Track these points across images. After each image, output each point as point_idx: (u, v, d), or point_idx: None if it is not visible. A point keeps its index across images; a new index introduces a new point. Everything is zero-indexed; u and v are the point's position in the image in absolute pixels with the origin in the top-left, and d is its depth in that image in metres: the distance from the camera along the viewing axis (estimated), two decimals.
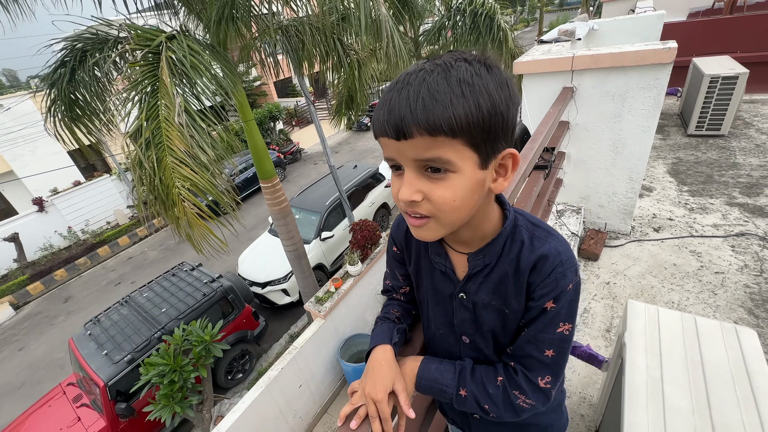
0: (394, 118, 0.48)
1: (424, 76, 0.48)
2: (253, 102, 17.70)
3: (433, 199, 0.51)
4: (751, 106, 5.06)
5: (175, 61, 2.98)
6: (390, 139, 0.50)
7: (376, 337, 0.77)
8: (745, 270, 2.43)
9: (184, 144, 2.70)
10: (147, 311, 5.11)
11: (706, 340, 1.12)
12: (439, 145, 0.48)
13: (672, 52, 2.06)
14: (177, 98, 2.75)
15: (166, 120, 2.75)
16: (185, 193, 2.71)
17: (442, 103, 0.46)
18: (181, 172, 2.73)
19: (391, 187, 0.57)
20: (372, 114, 0.54)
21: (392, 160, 0.53)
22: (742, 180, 3.42)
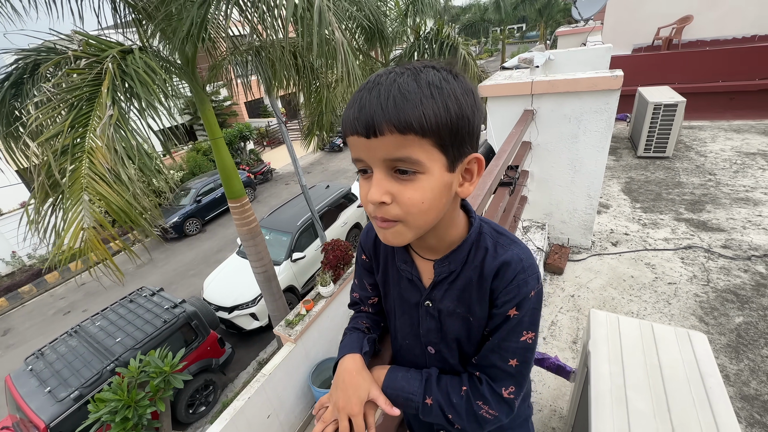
0: (364, 116, 0.48)
1: (395, 78, 0.49)
2: (223, 122, 17.42)
3: (401, 201, 0.51)
4: (690, 131, 5.57)
5: (121, 74, 2.89)
6: (360, 138, 0.49)
7: (345, 347, 0.75)
8: (694, 280, 2.60)
9: (106, 157, 2.58)
10: (99, 342, 4.72)
11: (662, 345, 1.17)
12: (409, 144, 0.48)
13: (619, 80, 2.25)
14: (109, 110, 2.64)
15: (95, 130, 2.63)
16: (94, 212, 2.55)
17: (413, 102, 0.47)
18: (96, 188, 2.57)
19: (360, 191, 0.56)
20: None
21: (361, 161, 0.53)
22: (686, 197, 3.72)
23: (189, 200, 10.93)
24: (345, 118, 0.52)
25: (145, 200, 2.88)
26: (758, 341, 2.07)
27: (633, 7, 8.04)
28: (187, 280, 8.74)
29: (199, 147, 14.67)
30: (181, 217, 10.56)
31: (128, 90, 3.05)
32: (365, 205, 0.55)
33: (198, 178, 12.41)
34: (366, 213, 0.58)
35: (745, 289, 2.44)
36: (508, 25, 29.34)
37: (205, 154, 14.34)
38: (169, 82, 4.07)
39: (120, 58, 3.15)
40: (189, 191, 11.23)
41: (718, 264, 2.71)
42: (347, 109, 0.52)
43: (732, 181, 3.89)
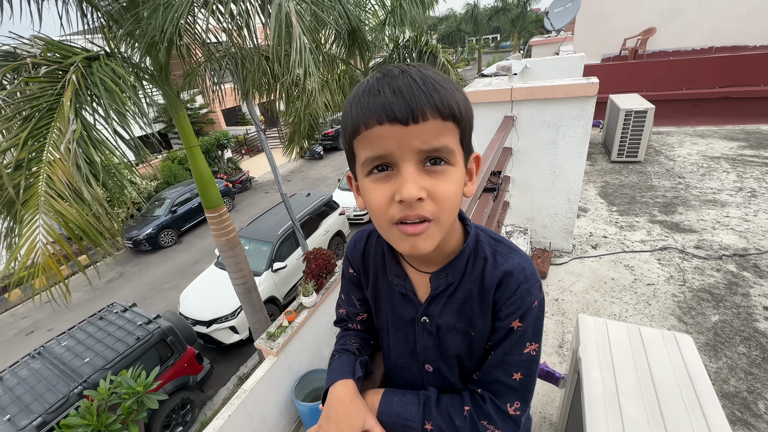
0: (404, 99, 0.43)
1: (413, 69, 0.46)
2: (199, 130, 17.00)
3: (438, 195, 0.46)
4: (659, 136, 5.82)
5: (86, 84, 2.74)
6: (394, 126, 0.43)
7: (335, 371, 0.69)
8: (671, 281, 2.67)
9: (67, 174, 2.43)
10: (65, 363, 4.42)
11: (651, 349, 1.17)
12: (448, 132, 0.45)
13: (595, 86, 2.31)
14: (72, 124, 2.50)
15: (55, 144, 2.48)
16: (50, 231, 2.40)
17: (448, 89, 0.45)
18: (53, 205, 2.42)
19: (371, 195, 0.48)
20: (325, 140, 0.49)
21: (384, 156, 0.46)
22: (659, 200, 3.85)
23: (164, 211, 10.54)
24: (366, 105, 0.45)
25: (107, 220, 2.70)
26: (734, 338, 2.13)
27: (600, 20, 8.42)
28: (162, 294, 8.38)
29: (175, 156, 14.23)
30: (155, 229, 10.16)
31: (94, 100, 2.90)
32: (382, 210, 0.48)
33: (173, 187, 12.00)
34: (379, 222, 0.50)
35: (719, 288, 2.53)
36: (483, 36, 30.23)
37: (181, 163, 13.92)
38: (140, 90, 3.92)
39: (85, 66, 2.99)
40: (164, 201, 10.83)
41: (692, 264, 2.80)
42: (363, 97, 0.46)
43: (700, 183, 4.07)
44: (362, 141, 0.47)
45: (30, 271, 2.50)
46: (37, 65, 3.04)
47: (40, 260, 2.52)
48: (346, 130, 0.49)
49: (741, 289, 2.50)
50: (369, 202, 0.49)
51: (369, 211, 0.51)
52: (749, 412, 1.74)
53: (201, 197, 4.54)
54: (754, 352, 2.04)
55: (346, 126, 0.49)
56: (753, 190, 3.76)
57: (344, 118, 0.50)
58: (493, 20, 27.00)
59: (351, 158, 0.53)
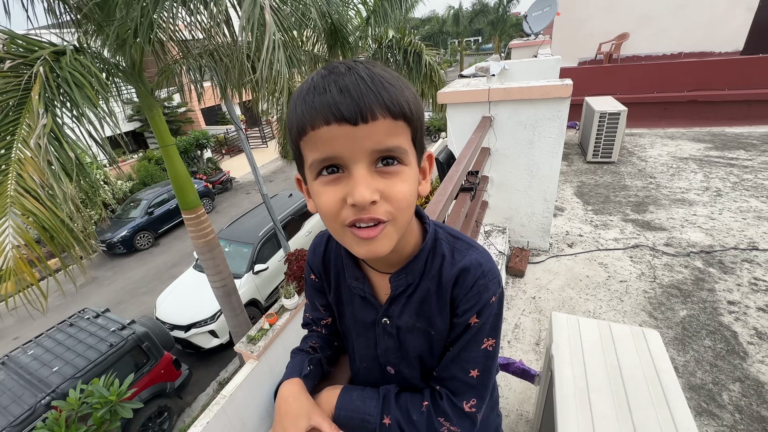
0: (351, 99, 0.41)
1: (360, 66, 0.44)
2: (177, 129, 16.54)
3: (392, 196, 0.45)
4: (631, 138, 6.02)
5: (55, 78, 2.63)
6: (342, 126, 0.41)
7: (286, 372, 0.68)
8: (643, 277, 2.76)
9: (38, 171, 2.33)
10: (32, 373, 4.22)
11: (620, 345, 1.20)
12: (399, 132, 0.44)
13: (569, 88, 2.37)
14: (42, 119, 2.40)
15: (24, 141, 2.38)
16: (20, 232, 2.30)
17: (398, 88, 0.44)
18: (24, 204, 2.32)
19: (322, 198, 0.46)
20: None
21: (333, 158, 0.44)
22: (631, 199, 3.98)
23: (140, 212, 10.20)
24: (312, 104, 0.43)
25: (80, 219, 2.59)
26: (701, 332, 2.22)
27: (576, 25, 8.66)
28: (137, 298, 8.11)
29: (151, 155, 13.81)
30: (130, 231, 9.82)
31: (64, 95, 2.78)
32: (334, 213, 0.46)
33: (150, 188, 11.64)
34: (331, 225, 0.48)
35: (687, 284, 2.63)
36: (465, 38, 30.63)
37: (158, 163, 13.52)
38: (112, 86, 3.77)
39: (53, 60, 2.87)
40: (140, 202, 10.49)
41: (662, 261, 2.91)
42: (308, 95, 0.44)
43: (670, 183, 4.23)
44: (309, 142, 0.45)
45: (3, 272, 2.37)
46: (1, 59, 2.89)
47: (10, 264, 2.40)
48: (292, 131, 0.47)
49: (707, 285, 2.60)
50: (320, 206, 0.48)
51: (320, 214, 0.49)
52: (714, 403, 1.82)
53: (177, 198, 4.42)
54: (718, 345, 2.13)
55: (291, 126, 0.47)
56: (718, 190, 3.94)
57: (289, 117, 0.47)
58: (474, 22, 27.41)
59: (299, 160, 0.50)
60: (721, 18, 7.42)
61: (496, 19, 27.17)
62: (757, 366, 1.98)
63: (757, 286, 2.54)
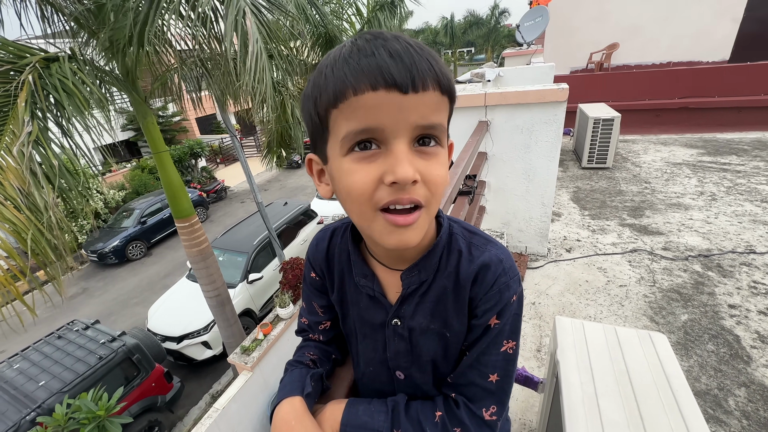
0: (404, 64, 0.37)
1: (402, 35, 0.41)
2: (171, 138, 16.47)
3: (431, 179, 0.41)
4: (625, 144, 6.08)
5: (44, 85, 2.59)
6: (391, 93, 0.37)
7: (284, 388, 0.62)
8: (642, 282, 2.74)
9: (20, 179, 2.28)
10: (17, 387, 4.08)
11: (627, 349, 1.16)
12: (443, 109, 0.41)
13: (565, 92, 2.37)
14: (28, 126, 2.35)
15: (7, 148, 2.33)
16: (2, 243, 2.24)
17: (441, 62, 0.41)
18: (3, 212, 2.27)
19: (354, 177, 0.41)
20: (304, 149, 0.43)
21: (372, 130, 0.39)
22: (627, 204, 3.99)
23: (132, 222, 10.06)
24: (357, 67, 0.38)
25: (58, 231, 2.51)
26: (703, 337, 2.19)
27: (567, 35, 8.82)
28: (129, 309, 7.94)
29: (145, 164, 13.70)
30: (122, 241, 9.66)
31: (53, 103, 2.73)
32: (367, 194, 0.41)
33: (143, 197, 11.51)
34: (360, 209, 0.43)
35: (687, 288, 2.61)
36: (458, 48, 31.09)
37: (152, 172, 13.41)
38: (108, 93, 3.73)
39: (43, 67, 2.82)
40: (132, 212, 10.35)
41: (661, 265, 2.89)
42: (350, 58, 0.39)
43: (665, 188, 4.25)
44: (346, 110, 0.39)
45: None
46: None
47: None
48: (322, 98, 0.41)
49: (707, 288, 2.59)
50: (349, 186, 0.42)
51: (346, 198, 0.44)
52: (721, 409, 1.78)
53: (170, 206, 4.35)
54: (722, 350, 2.10)
55: (321, 92, 0.41)
56: (713, 194, 3.96)
57: (318, 83, 0.41)
58: (467, 33, 27.87)
59: (321, 135, 0.44)
60: (707, 29, 7.59)
61: (488, 31, 27.68)
62: (761, 370, 1.95)
63: (756, 289, 2.52)
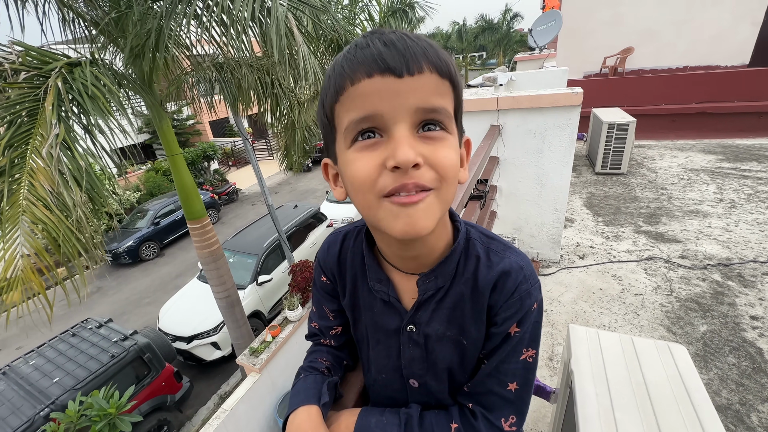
0: (397, 49, 0.38)
1: (400, 30, 0.42)
2: (185, 141, 16.78)
3: (437, 162, 0.41)
4: (640, 149, 5.96)
5: (68, 89, 2.67)
6: (386, 78, 0.38)
7: (299, 394, 0.60)
8: (658, 290, 2.67)
9: (49, 180, 2.34)
10: (32, 383, 4.16)
11: (645, 360, 1.13)
12: (445, 93, 0.41)
13: (579, 96, 2.33)
14: (55, 129, 2.42)
15: (37, 150, 2.39)
16: (31, 241, 2.29)
17: (441, 49, 0.41)
18: (35, 212, 2.32)
19: (356, 165, 0.41)
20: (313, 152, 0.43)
21: (372, 117, 0.40)
22: (643, 211, 3.90)
23: (146, 223, 10.25)
24: (353, 59, 0.40)
25: (89, 229, 2.58)
26: (723, 349, 2.12)
27: (581, 39, 8.72)
28: (141, 308, 8.07)
29: (159, 167, 13.97)
30: (136, 241, 9.85)
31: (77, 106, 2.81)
32: (370, 182, 0.41)
33: (157, 199, 11.73)
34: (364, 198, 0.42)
35: (705, 298, 2.53)
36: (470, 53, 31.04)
37: (165, 174, 13.67)
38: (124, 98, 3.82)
39: (67, 72, 2.91)
40: (146, 213, 10.55)
41: (678, 274, 2.81)
42: (354, 51, 0.40)
43: (682, 195, 4.15)
44: (346, 102, 0.40)
45: (8, 283, 2.36)
46: (16, 71, 2.94)
47: (20, 273, 2.39)
48: (328, 96, 0.43)
49: (727, 299, 2.50)
50: (352, 175, 0.42)
51: (351, 189, 0.44)
52: (743, 425, 1.71)
53: (183, 208, 4.42)
54: (743, 363, 2.02)
55: (327, 91, 0.43)
56: (733, 201, 3.84)
57: (325, 85, 0.44)
58: (479, 38, 27.81)
59: (330, 134, 0.46)
60: (726, 32, 7.42)
61: (501, 36, 27.57)
62: None
63: None
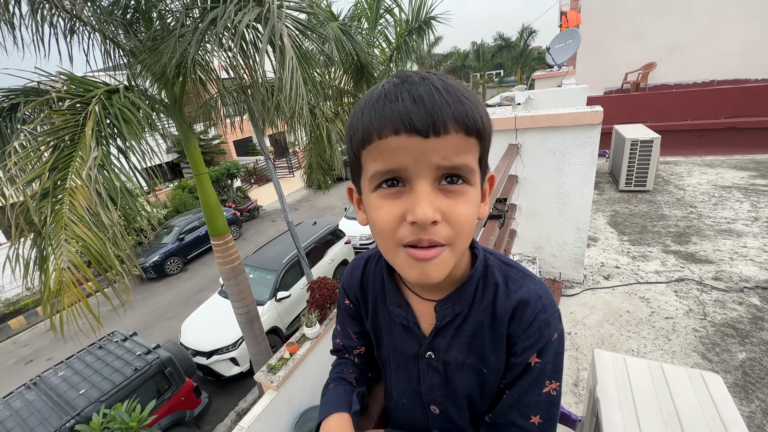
0: (426, 108, 0.38)
1: (431, 77, 0.42)
2: (210, 159, 17.45)
3: (454, 218, 0.41)
4: (666, 166, 5.78)
5: (106, 115, 2.87)
6: (412, 137, 0.39)
7: (330, 403, 0.62)
8: (691, 314, 2.53)
9: (88, 200, 2.49)
10: (60, 394, 4.29)
11: (676, 389, 1.07)
12: (469, 149, 0.42)
13: (599, 115, 2.31)
14: (94, 152, 2.59)
15: (77, 172, 2.56)
16: (70, 256, 2.43)
17: (473, 102, 0.41)
18: (75, 230, 2.46)
19: (378, 213, 0.43)
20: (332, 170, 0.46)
21: (397, 171, 0.41)
22: (671, 230, 3.75)
23: (171, 238, 10.61)
24: (382, 112, 0.40)
25: (125, 244, 2.74)
26: (765, 379, 1.98)
27: (600, 55, 8.67)
28: (164, 322, 8.26)
29: (185, 184, 14.55)
30: (162, 256, 10.18)
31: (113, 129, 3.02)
32: (390, 230, 0.43)
33: (182, 215, 12.16)
34: (385, 243, 0.45)
35: (743, 323, 2.39)
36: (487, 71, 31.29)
37: (191, 192, 14.20)
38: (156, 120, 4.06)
39: (105, 98, 3.13)
40: (172, 229, 10.94)
41: (712, 297, 2.67)
42: (377, 103, 0.41)
43: (713, 213, 3.98)
44: (373, 152, 0.42)
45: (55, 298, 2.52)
46: (61, 99, 3.19)
47: (66, 288, 2.55)
48: (355, 138, 0.44)
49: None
50: (374, 221, 0.44)
51: (373, 230, 0.46)
52: None
53: (207, 224, 4.57)
54: None
55: (354, 133, 0.44)
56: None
57: (353, 124, 0.45)
58: (497, 56, 28.06)
59: (356, 170, 0.48)
60: (756, 46, 7.22)
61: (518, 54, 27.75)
62: None
63: None
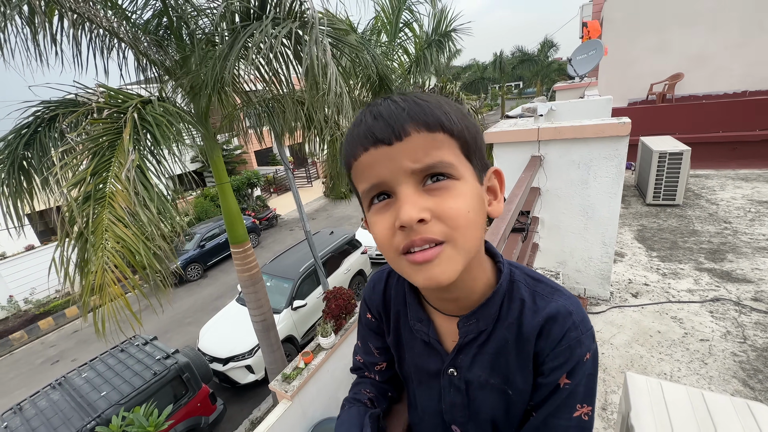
0: (383, 121, 0.42)
1: (394, 96, 0.45)
2: (232, 169, 17.93)
3: (444, 213, 0.41)
4: (697, 179, 5.55)
5: (142, 120, 3.03)
6: (379, 148, 0.41)
7: (342, 425, 0.60)
8: (729, 337, 2.38)
9: (127, 201, 2.59)
10: (83, 395, 4.40)
11: (720, 420, 0.99)
12: (440, 145, 0.42)
13: (627, 126, 2.24)
14: (131, 155, 2.71)
15: (116, 176, 2.67)
16: (110, 256, 2.51)
17: (435, 105, 0.43)
18: (115, 231, 2.56)
19: (376, 227, 0.44)
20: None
21: (379, 185, 0.43)
22: (704, 246, 3.57)
23: (192, 245, 10.88)
24: (352, 137, 0.45)
25: (162, 241, 2.85)
26: None
27: (624, 66, 8.50)
28: (183, 328, 8.41)
29: (207, 192, 14.96)
30: (183, 262, 10.44)
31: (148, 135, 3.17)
32: (387, 241, 0.43)
33: (203, 223, 12.48)
34: (387, 254, 0.45)
35: None
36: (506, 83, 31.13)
37: (212, 200, 14.58)
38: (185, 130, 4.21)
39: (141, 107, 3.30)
40: (193, 236, 11.23)
41: (752, 319, 2.50)
42: (353, 129, 0.46)
43: (750, 229, 3.76)
44: (356, 174, 0.45)
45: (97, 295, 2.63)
46: (100, 109, 3.38)
47: (107, 287, 2.65)
48: (345, 168, 0.48)
49: None
50: (374, 236, 0.45)
51: (377, 245, 0.46)
52: None
53: (228, 232, 4.65)
54: None
55: (343, 163, 0.48)
56: None
57: (341, 156, 0.50)
58: (517, 69, 27.93)
59: (356, 191, 0.50)
60: None
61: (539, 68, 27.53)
62: None
63: None
